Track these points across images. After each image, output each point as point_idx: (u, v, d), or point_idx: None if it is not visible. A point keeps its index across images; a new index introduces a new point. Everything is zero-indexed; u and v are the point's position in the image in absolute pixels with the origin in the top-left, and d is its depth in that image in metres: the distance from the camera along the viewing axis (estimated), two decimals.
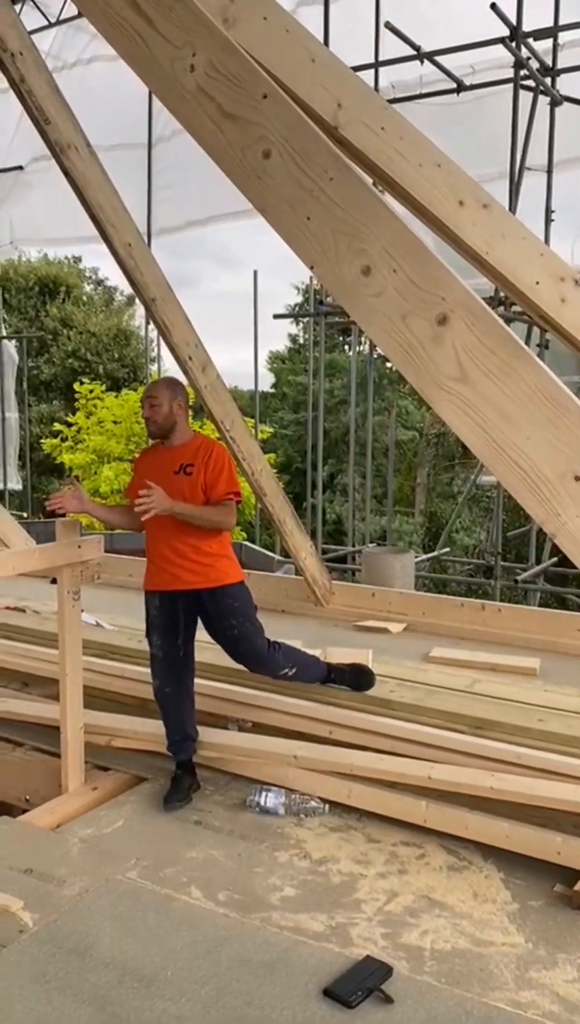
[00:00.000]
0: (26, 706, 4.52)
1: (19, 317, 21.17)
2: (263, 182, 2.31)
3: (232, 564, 3.77)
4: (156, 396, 3.72)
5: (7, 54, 4.13)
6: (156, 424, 3.73)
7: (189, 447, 3.74)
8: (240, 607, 3.73)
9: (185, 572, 3.68)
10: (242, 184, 2.37)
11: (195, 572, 3.67)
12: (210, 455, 3.68)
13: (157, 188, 10.02)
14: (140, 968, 2.24)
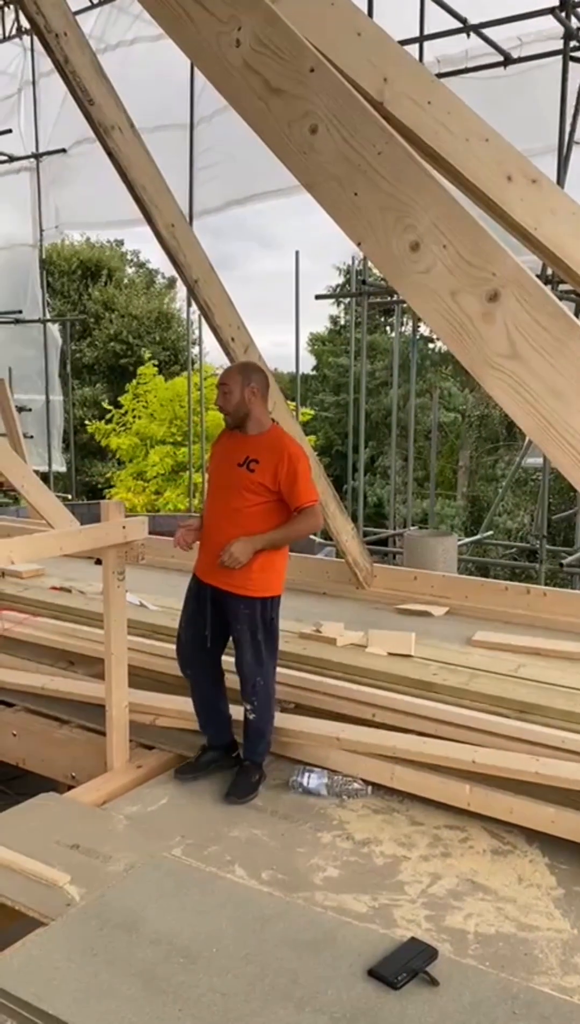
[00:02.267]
0: (72, 685, 4.58)
1: (62, 300, 21.34)
2: (310, 158, 2.28)
3: (268, 579, 3.59)
4: (227, 383, 3.57)
5: (51, 35, 4.13)
6: (228, 413, 3.59)
7: (261, 440, 3.57)
8: (248, 616, 3.58)
9: (219, 569, 3.59)
10: (288, 160, 2.34)
11: (228, 572, 3.55)
12: (281, 457, 3.49)
13: (198, 169, 9.98)
14: (186, 944, 2.27)
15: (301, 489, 3.50)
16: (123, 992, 2.07)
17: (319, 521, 3.66)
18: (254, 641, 3.60)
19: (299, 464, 3.51)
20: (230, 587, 3.59)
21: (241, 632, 3.60)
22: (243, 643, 3.61)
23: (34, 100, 11.68)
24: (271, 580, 3.61)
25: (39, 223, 12.15)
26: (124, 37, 10.17)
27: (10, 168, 12.22)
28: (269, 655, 3.67)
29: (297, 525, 3.54)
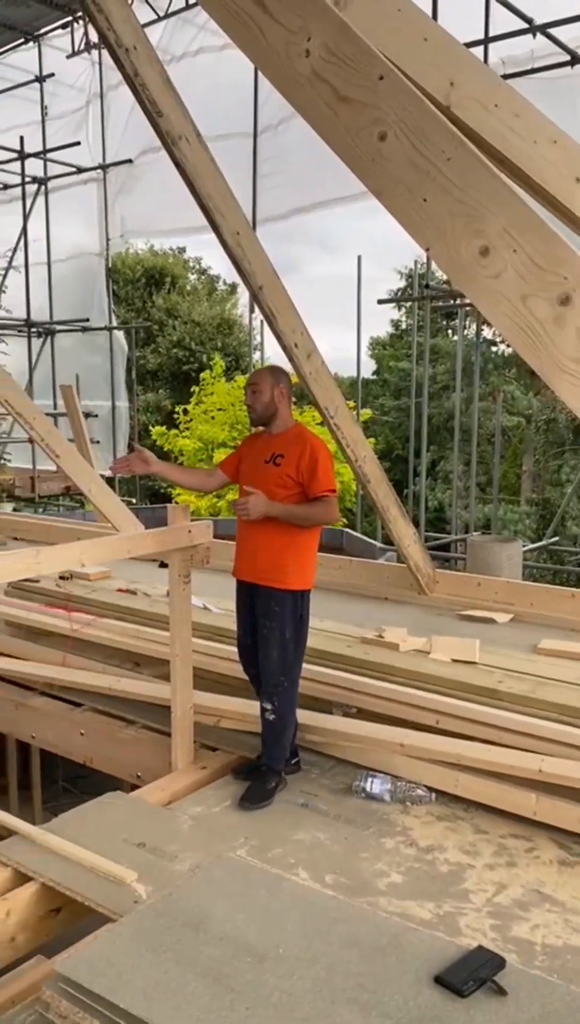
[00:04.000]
0: (138, 685, 4.66)
1: (127, 308, 21.72)
2: (378, 164, 2.29)
3: (298, 573, 3.62)
4: (258, 383, 3.72)
5: (121, 49, 4.21)
6: (256, 411, 3.73)
7: (285, 437, 3.70)
8: (279, 613, 3.62)
9: (252, 564, 3.68)
10: (357, 167, 2.35)
11: (261, 567, 3.64)
12: (304, 449, 3.60)
13: (261, 176, 10.07)
14: (253, 944, 2.29)
15: (320, 478, 3.57)
16: (192, 989, 2.10)
17: (334, 512, 3.65)
18: (282, 639, 3.62)
19: (319, 454, 3.60)
20: (262, 580, 3.65)
21: (270, 629, 3.63)
22: (271, 640, 3.63)
23: (102, 112, 11.95)
24: (303, 574, 3.66)
25: (105, 232, 12.41)
26: (189, 48, 10.33)
27: (78, 179, 12.52)
28: (296, 655, 3.69)
29: (314, 509, 3.59)
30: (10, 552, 3.45)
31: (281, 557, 3.59)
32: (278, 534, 3.59)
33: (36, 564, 3.44)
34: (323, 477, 3.58)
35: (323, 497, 3.58)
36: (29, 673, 5.05)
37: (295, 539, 3.60)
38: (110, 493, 7.69)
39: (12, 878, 3.09)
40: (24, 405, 6.49)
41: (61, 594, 5.86)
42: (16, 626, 5.72)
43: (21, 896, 2.97)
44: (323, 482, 3.58)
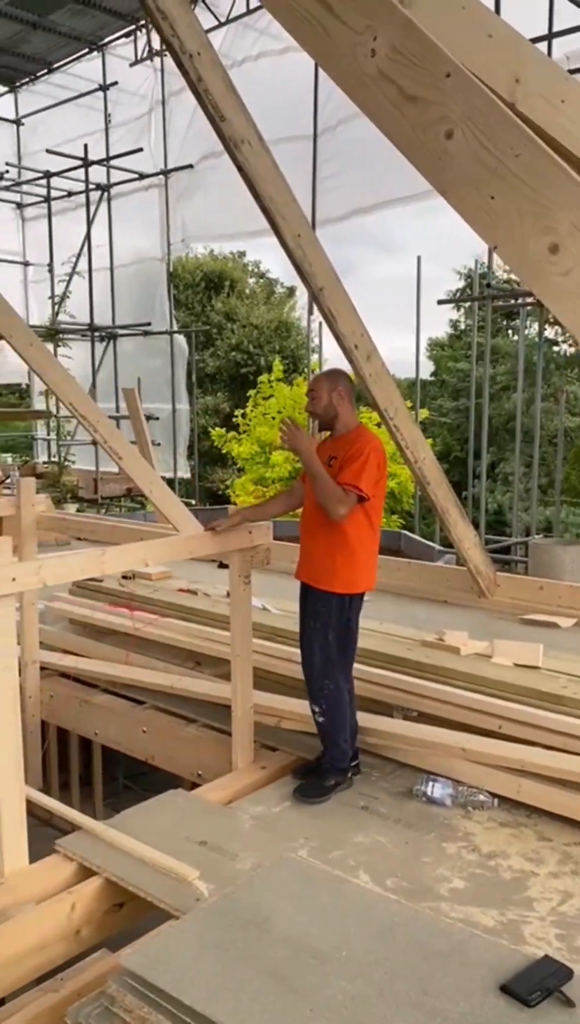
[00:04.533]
0: (199, 684, 4.70)
1: (186, 312, 21.95)
2: (445, 163, 2.27)
3: (346, 576, 3.58)
4: (315, 389, 3.72)
5: (185, 55, 4.26)
6: (316, 416, 3.72)
7: (344, 439, 3.67)
8: (325, 614, 3.61)
9: (308, 565, 3.69)
10: (423, 166, 2.33)
11: (314, 567, 3.65)
12: (354, 445, 3.57)
13: (321, 178, 10.08)
14: (315, 945, 2.29)
15: (352, 469, 3.50)
16: (255, 988, 2.11)
17: (342, 509, 3.47)
18: (325, 641, 3.60)
19: (364, 452, 3.53)
20: (313, 581, 3.65)
21: (314, 629, 3.62)
22: (314, 640, 3.63)
23: (163, 119, 12.11)
24: (355, 577, 3.60)
25: (166, 237, 12.57)
26: (250, 52, 10.40)
27: (140, 185, 12.71)
28: (341, 658, 3.66)
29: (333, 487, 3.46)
30: (77, 552, 3.52)
31: (330, 558, 3.60)
32: (329, 535, 3.58)
33: (102, 563, 3.50)
34: (353, 472, 3.50)
35: (344, 486, 3.49)
36: (93, 671, 5.14)
37: (346, 541, 3.57)
38: (171, 494, 7.75)
39: (77, 872, 3.14)
40: (88, 408, 6.59)
41: (124, 593, 5.94)
42: (81, 624, 5.83)
43: (86, 890, 3.02)
44: (350, 475, 3.50)
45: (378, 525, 3.72)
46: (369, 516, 3.62)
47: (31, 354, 6.22)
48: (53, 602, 6.06)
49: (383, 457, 3.63)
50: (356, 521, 3.57)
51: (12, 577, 3.04)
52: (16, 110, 14.93)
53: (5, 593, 3.03)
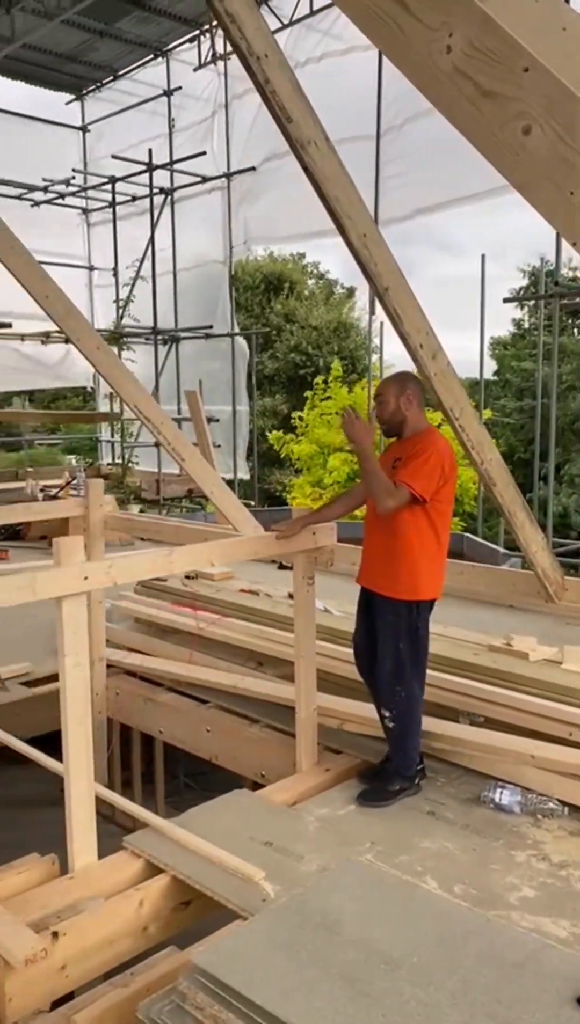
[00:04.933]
0: (262, 685, 4.72)
1: (245, 314, 22.08)
2: (522, 159, 2.23)
3: (409, 583, 3.51)
4: (383, 394, 3.65)
5: (253, 57, 4.28)
6: (384, 422, 3.65)
7: (410, 442, 3.59)
8: (392, 622, 3.55)
9: (370, 570, 3.65)
10: (500, 163, 2.29)
11: (376, 573, 3.60)
12: (415, 447, 3.51)
13: (384, 178, 10.02)
14: (386, 950, 2.27)
15: (410, 468, 3.44)
16: (326, 991, 2.10)
17: (390, 503, 3.40)
18: (396, 650, 3.55)
19: (425, 453, 3.46)
20: (376, 587, 3.60)
21: (385, 638, 3.58)
22: (385, 650, 3.58)
23: (226, 122, 12.20)
24: (417, 583, 3.53)
25: (229, 240, 12.65)
26: (313, 54, 10.41)
27: (202, 188, 12.82)
28: (412, 666, 3.58)
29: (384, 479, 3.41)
30: (145, 551, 3.56)
31: (392, 564, 3.53)
32: (390, 539, 3.53)
33: (170, 563, 3.53)
34: (410, 471, 3.43)
35: (398, 484, 3.42)
36: (158, 669, 5.19)
37: (409, 547, 3.50)
38: (231, 496, 7.82)
39: (144, 869, 3.18)
40: (152, 410, 6.69)
41: (187, 593, 6.00)
42: (145, 623, 5.89)
43: (153, 887, 3.05)
44: (405, 473, 3.43)
45: (444, 532, 3.60)
46: (432, 522, 3.51)
47: (98, 357, 6.33)
48: (119, 600, 6.14)
49: (450, 462, 3.54)
50: (417, 526, 3.50)
51: (84, 576, 3.09)
52: (82, 117, 15.21)
53: (77, 591, 3.08)
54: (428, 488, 3.43)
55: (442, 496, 3.51)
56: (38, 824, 5.10)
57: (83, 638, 3.14)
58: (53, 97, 14.88)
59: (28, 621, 6.17)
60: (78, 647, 3.11)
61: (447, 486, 3.52)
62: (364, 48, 9.77)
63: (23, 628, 6.14)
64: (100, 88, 14.62)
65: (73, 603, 3.08)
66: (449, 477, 3.52)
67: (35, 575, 2.96)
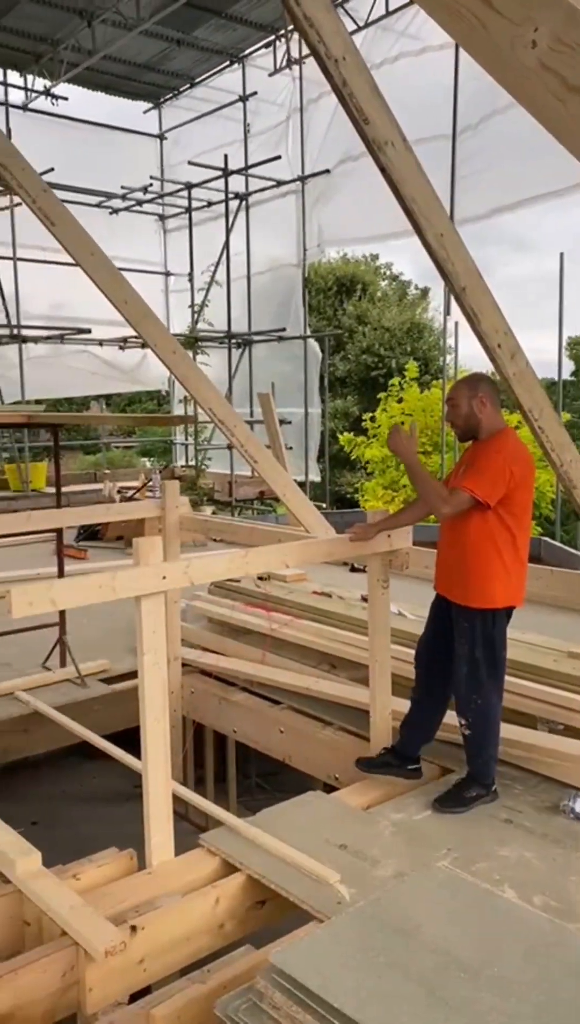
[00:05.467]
0: (335, 687, 4.71)
1: (318, 317, 22.12)
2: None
3: (481, 590, 3.42)
4: (454, 397, 3.55)
5: (331, 60, 4.27)
6: (457, 427, 3.56)
7: (482, 444, 3.49)
8: (467, 630, 3.47)
9: (445, 576, 3.58)
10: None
11: (450, 580, 3.53)
12: (485, 450, 3.43)
13: (460, 178, 9.92)
14: (466, 959, 2.23)
15: (472, 471, 3.38)
16: (405, 997, 2.08)
17: (446, 508, 3.35)
18: (472, 657, 3.47)
19: (493, 455, 3.38)
20: (450, 595, 3.55)
21: (460, 646, 3.51)
22: (460, 657, 3.51)
23: (301, 126, 12.26)
24: (490, 590, 3.42)
25: (302, 243, 12.70)
26: (388, 54, 10.38)
27: (277, 192, 12.91)
28: (489, 675, 3.49)
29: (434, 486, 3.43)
30: (221, 552, 3.59)
31: (464, 571, 3.46)
32: (463, 545, 3.45)
33: (245, 564, 3.56)
34: (471, 474, 3.36)
35: (458, 489, 3.36)
36: (232, 669, 5.24)
37: (481, 553, 3.40)
38: (303, 498, 7.84)
39: (220, 867, 3.20)
40: (225, 413, 6.74)
41: (260, 594, 6.03)
42: (218, 623, 5.95)
43: (230, 885, 3.08)
44: (466, 477, 3.37)
45: (522, 537, 3.48)
46: (507, 527, 3.41)
47: (174, 361, 6.42)
48: (193, 600, 6.22)
49: (523, 464, 3.43)
50: (489, 532, 3.40)
51: (162, 575, 3.14)
52: (160, 125, 15.50)
53: (156, 591, 3.13)
54: (493, 493, 3.33)
55: (516, 500, 3.41)
56: (114, 819, 5.21)
57: (161, 637, 3.18)
58: (131, 106, 15.21)
59: (106, 619, 6.31)
60: (156, 645, 3.16)
61: (521, 490, 3.42)
62: (439, 47, 9.70)
63: (102, 626, 6.28)
64: (177, 96, 14.88)
65: (152, 602, 3.13)
66: (522, 481, 3.41)
67: (115, 574, 3.02)
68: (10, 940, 3.00)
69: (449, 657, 3.60)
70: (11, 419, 7.87)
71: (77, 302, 12.87)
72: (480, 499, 3.32)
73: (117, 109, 14.89)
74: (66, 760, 5.93)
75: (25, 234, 12.30)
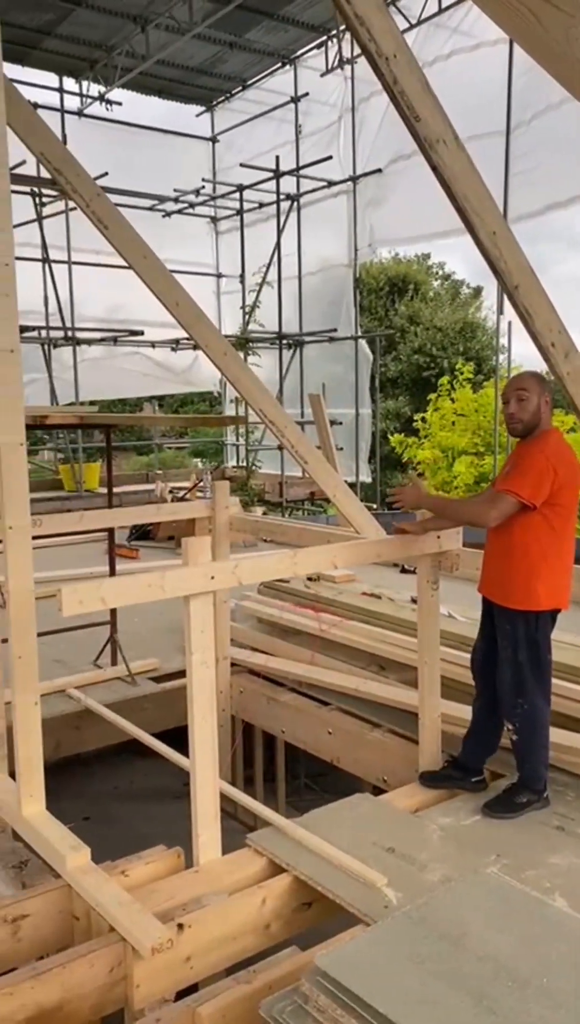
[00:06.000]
0: (384, 689, 4.68)
1: (369, 317, 22.02)
2: None
3: (525, 592, 3.36)
4: (526, 389, 3.43)
5: (382, 58, 4.25)
6: (521, 422, 3.42)
7: (528, 444, 3.43)
8: (510, 632, 3.41)
9: (488, 579, 3.54)
10: None
11: (493, 581, 3.49)
12: (527, 450, 3.37)
13: (512, 175, 9.79)
14: (514, 968, 2.19)
15: (516, 471, 3.33)
16: (452, 1005, 2.05)
17: (487, 516, 3.31)
18: (515, 661, 3.42)
19: (537, 455, 3.31)
20: (493, 596, 3.50)
21: (503, 648, 3.46)
22: (504, 661, 3.46)
23: (353, 126, 12.23)
24: (533, 592, 3.36)
25: (354, 243, 12.67)
26: (441, 52, 10.30)
27: (328, 193, 12.89)
28: (534, 678, 3.43)
29: (464, 503, 3.51)
30: (270, 552, 3.59)
31: (508, 572, 3.41)
32: (508, 547, 3.40)
33: (294, 564, 3.56)
34: (514, 475, 3.31)
35: (500, 493, 3.31)
36: (281, 669, 5.24)
37: (525, 554, 3.35)
38: (354, 498, 7.80)
39: (267, 867, 3.20)
40: (276, 414, 6.75)
41: (309, 595, 6.02)
42: (267, 623, 5.96)
43: (276, 886, 3.07)
44: (510, 480, 3.32)
45: (568, 538, 3.42)
46: (552, 527, 3.35)
47: (225, 363, 6.45)
48: (242, 600, 6.24)
49: (567, 464, 3.35)
50: (535, 533, 3.34)
51: (211, 575, 3.15)
52: (212, 128, 15.61)
53: (205, 590, 3.14)
54: (537, 493, 3.28)
55: (561, 501, 3.34)
56: (163, 816, 5.26)
57: (209, 636, 3.19)
58: (184, 110, 15.35)
59: (156, 618, 6.37)
60: (205, 645, 3.17)
61: (566, 490, 3.35)
62: (492, 43, 9.59)
63: (151, 625, 6.34)
64: (229, 99, 14.96)
65: (200, 602, 3.15)
66: (567, 481, 3.34)
67: (165, 574, 3.04)
68: (60, 934, 3.04)
69: (489, 659, 3.58)
70: (65, 420, 7.99)
71: (131, 305, 13.04)
72: (524, 500, 3.27)
73: (170, 113, 15.05)
74: (117, 757, 6.00)
75: (79, 238, 12.50)
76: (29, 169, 10.06)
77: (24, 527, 3.18)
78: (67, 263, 13.19)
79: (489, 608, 3.60)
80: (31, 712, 3.26)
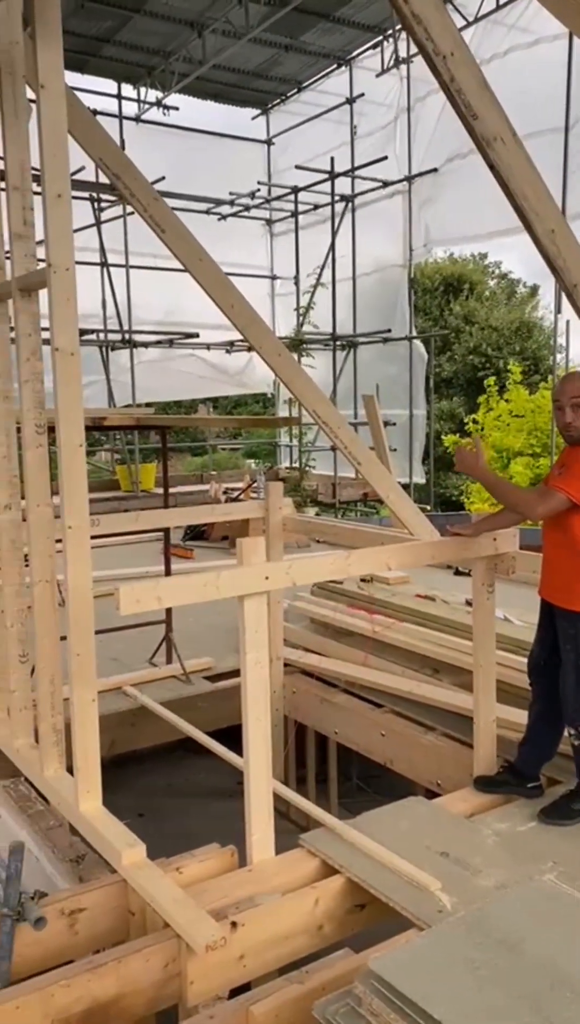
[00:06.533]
0: (439, 692, 4.65)
1: (424, 317, 21.87)
2: None
3: None
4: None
5: (439, 57, 4.22)
6: (577, 430, 3.31)
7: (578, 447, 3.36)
8: (572, 636, 3.34)
9: (548, 580, 3.48)
10: None
11: (553, 584, 3.43)
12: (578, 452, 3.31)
13: (572, 171, 9.63)
14: (572, 978, 2.16)
15: (569, 473, 3.26)
16: (507, 1013, 2.02)
17: (534, 508, 3.28)
18: (578, 665, 3.35)
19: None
20: (555, 599, 3.44)
21: (566, 652, 3.40)
22: (567, 664, 3.40)
23: (408, 125, 12.17)
24: None
25: (409, 243, 12.60)
26: (498, 49, 10.18)
27: (383, 193, 12.85)
28: None
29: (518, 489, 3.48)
30: (324, 553, 3.59)
31: (567, 575, 3.35)
32: (566, 548, 3.34)
33: (347, 565, 3.55)
34: (571, 476, 3.24)
35: (549, 488, 3.28)
36: (333, 670, 5.24)
37: None
38: (407, 499, 7.73)
39: (320, 868, 3.20)
40: (330, 415, 6.73)
41: (363, 596, 6.01)
42: (321, 624, 5.96)
43: (329, 887, 3.07)
44: (564, 479, 3.25)
45: None
46: None
47: (279, 364, 6.46)
48: (296, 601, 6.25)
49: None
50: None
51: (265, 576, 3.16)
52: (267, 131, 15.68)
53: (259, 591, 3.16)
54: None
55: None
56: (216, 815, 5.29)
57: (263, 636, 3.21)
58: (240, 113, 15.45)
59: (211, 618, 6.42)
60: (258, 645, 3.19)
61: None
62: (551, 39, 9.44)
63: (206, 624, 6.39)
64: (284, 101, 15.01)
65: (254, 602, 3.16)
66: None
67: (219, 574, 3.06)
68: (115, 928, 3.08)
69: (552, 663, 3.50)
70: (122, 422, 8.12)
71: (186, 307, 13.16)
72: (575, 499, 3.23)
73: (226, 116, 15.17)
74: (171, 755, 6.06)
75: (137, 242, 12.66)
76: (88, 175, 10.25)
77: (83, 527, 3.24)
78: (125, 267, 13.37)
79: (549, 612, 3.54)
80: (89, 708, 3.31)
